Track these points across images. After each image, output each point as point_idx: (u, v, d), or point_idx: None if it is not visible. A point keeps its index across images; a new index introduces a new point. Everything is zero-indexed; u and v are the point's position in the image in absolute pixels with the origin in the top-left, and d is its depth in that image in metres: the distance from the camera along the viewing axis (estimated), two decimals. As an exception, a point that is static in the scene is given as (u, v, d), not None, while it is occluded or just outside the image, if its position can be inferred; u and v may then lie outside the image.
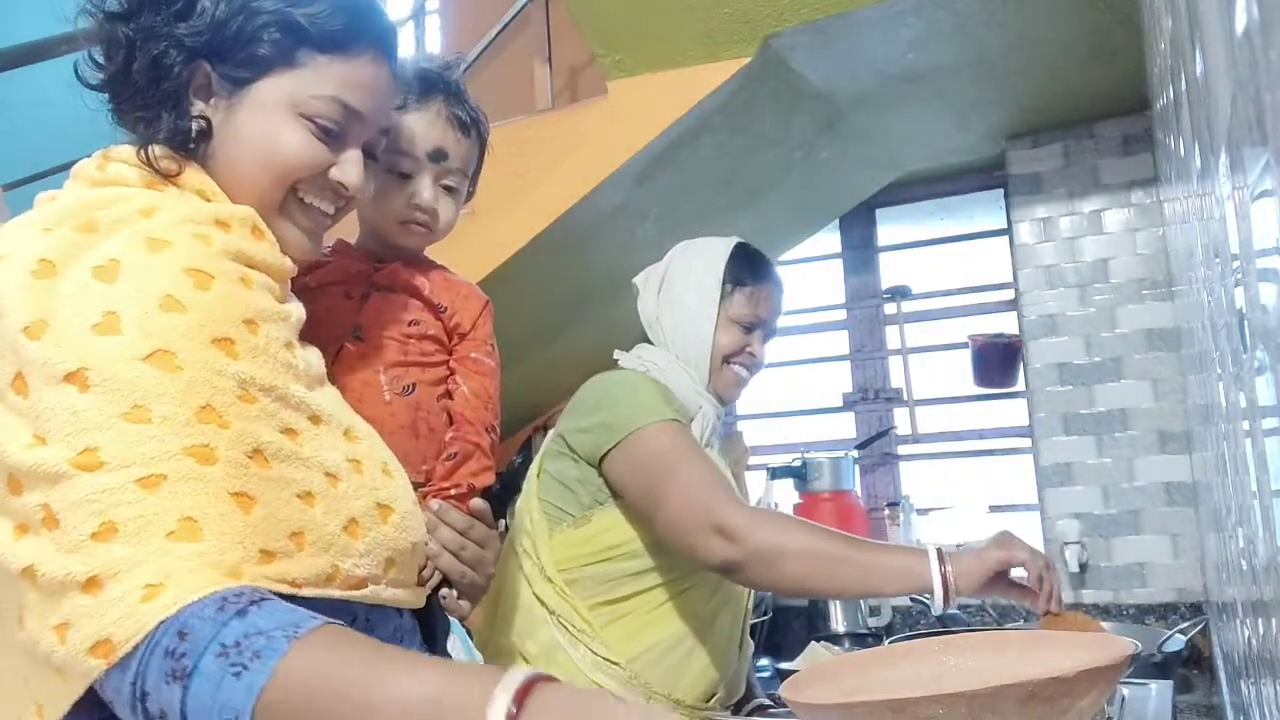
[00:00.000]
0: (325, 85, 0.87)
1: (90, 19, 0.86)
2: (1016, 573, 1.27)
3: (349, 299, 1.08)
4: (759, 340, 1.50)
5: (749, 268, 1.50)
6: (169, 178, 0.85)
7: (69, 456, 0.68)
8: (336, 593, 0.79)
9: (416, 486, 1.04)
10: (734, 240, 1.52)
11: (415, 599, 0.93)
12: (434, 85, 1.11)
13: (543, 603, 1.37)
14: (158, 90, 0.85)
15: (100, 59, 0.87)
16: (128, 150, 0.86)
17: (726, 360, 1.48)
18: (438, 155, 1.10)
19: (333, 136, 0.89)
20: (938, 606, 1.22)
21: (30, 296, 0.71)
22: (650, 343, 1.51)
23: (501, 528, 1.46)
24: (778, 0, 2.05)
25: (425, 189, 1.10)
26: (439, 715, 0.63)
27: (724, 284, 1.47)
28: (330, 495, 0.79)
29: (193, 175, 0.86)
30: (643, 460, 1.33)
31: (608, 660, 1.34)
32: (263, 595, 0.68)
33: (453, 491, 1.05)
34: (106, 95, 0.88)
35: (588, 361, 1.51)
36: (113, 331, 0.71)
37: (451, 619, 1.11)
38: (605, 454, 1.35)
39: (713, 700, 1.42)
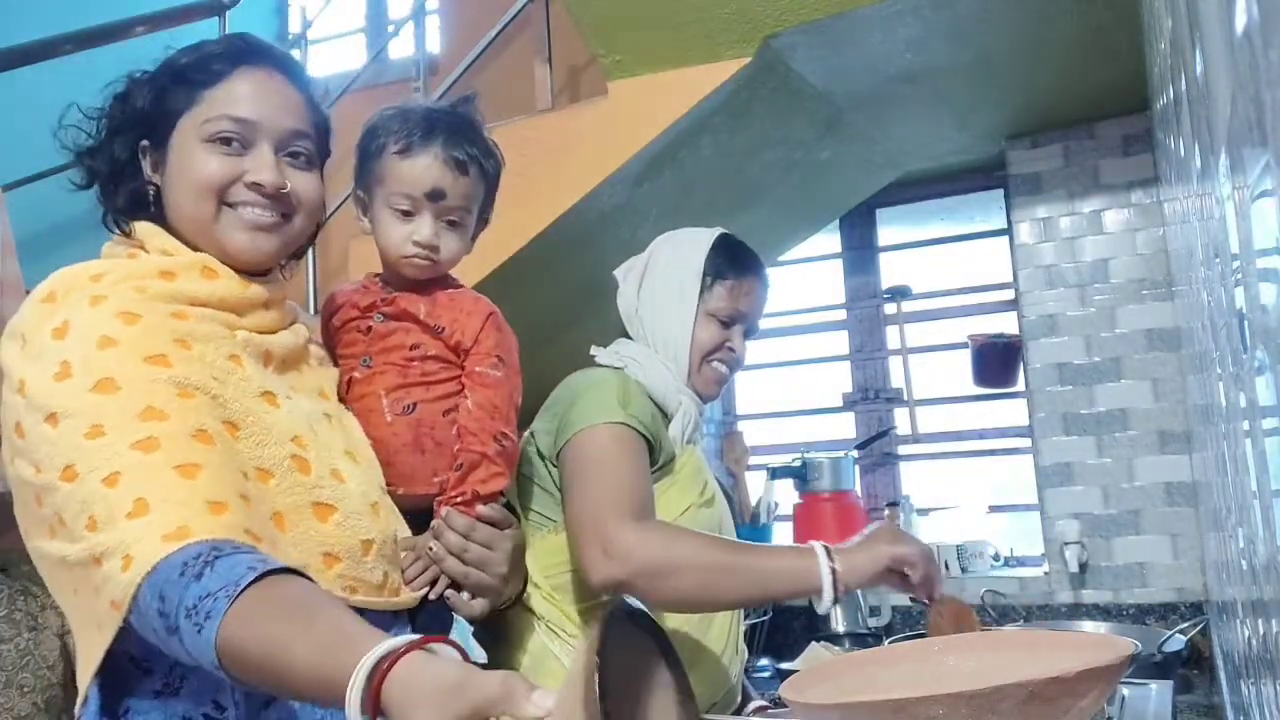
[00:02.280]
0: (214, 108, 1.02)
1: (71, 155, 1.07)
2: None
3: (360, 332, 1.18)
4: (739, 335, 1.46)
5: (730, 260, 1.45)
6: (134, 239, 1.04)
7: (57, 475, 0.89)
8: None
9: (431, 498, 1.13)
10: (716, 231, 1.48)
11: (379, 598, 1.02)
12: (435, 128, 1.17)
13: (530, 609, 1.34)
14: (121, 179, 1.06)
15: (81, 182, 1.08)
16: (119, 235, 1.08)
17: (706, 357, 1.43)
18: (435, 195, 1.16)
19: (237, 147, 1.02)
20: (826, 605, 1.20)
21: (17, 364, 0.94)
22: (629, 337, 1.47)
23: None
24: (778, 0, 2.05)
25: (425, 227, 1.17)
26: (332, 673, 0.73)
27: (704, 277, 1.43)
28: (258, 489, 0.94)
29: (155, 238, 1.04)
30: (572, 463, 1.30)
31: None
32: (218, 553, 0.81)
33: (458, 499, 1.12)
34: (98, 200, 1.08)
35: (588, 362, 1.50)
36: (67, 376, 0.91)
37: (462, 621, 1.16)
38: (558, 454, 1.32)
39: (713, 708, 1.39)
